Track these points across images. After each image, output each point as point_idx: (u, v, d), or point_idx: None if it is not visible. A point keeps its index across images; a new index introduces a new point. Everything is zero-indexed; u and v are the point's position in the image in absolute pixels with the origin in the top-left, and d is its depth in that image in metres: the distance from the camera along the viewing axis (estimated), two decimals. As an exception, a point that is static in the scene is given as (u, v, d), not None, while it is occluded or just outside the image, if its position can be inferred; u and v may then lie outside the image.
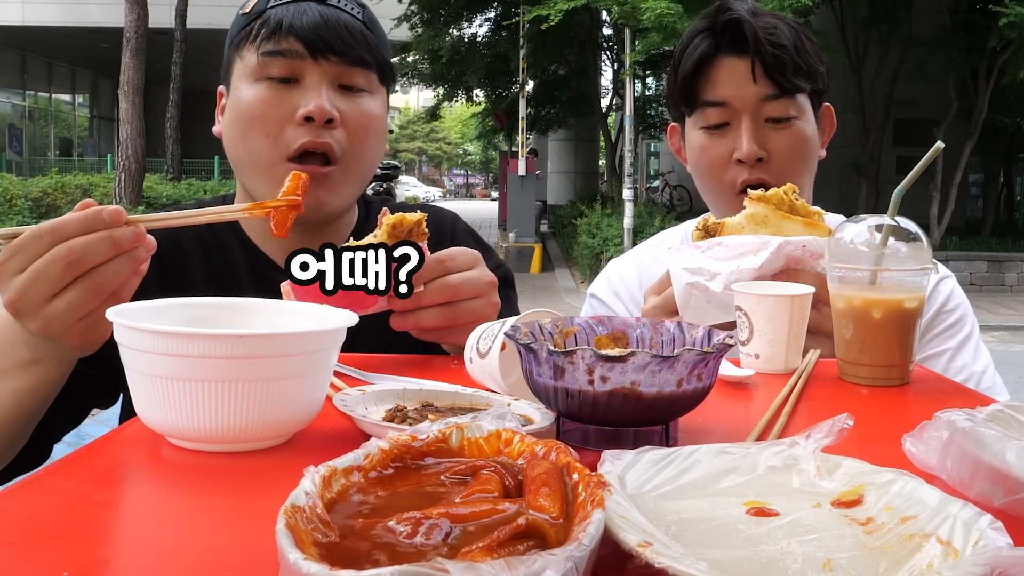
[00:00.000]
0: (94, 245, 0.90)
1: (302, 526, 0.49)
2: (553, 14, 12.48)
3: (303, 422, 0.82)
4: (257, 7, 1.30)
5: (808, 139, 1.47)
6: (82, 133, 32.63)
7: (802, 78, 1.44)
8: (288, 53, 1.26)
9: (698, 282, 1.25)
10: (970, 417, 0.71)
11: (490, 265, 1.46)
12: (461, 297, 1.12)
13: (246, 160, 1.30)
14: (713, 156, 1.47)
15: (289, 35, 1.25)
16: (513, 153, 16.96)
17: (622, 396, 0.75)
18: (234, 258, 1.37)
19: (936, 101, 14.00)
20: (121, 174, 14.30)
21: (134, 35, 14.22)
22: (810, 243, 1.25)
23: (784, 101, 1.44)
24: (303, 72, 1.26)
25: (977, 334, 1.54)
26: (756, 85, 1.43)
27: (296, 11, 1.27)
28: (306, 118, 1.24)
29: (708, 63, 1.46)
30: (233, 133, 1.30)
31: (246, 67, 1.28)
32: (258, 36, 1.27)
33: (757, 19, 1.44)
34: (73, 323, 0.93)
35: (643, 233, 11.30)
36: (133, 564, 0.58)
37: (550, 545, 0.49)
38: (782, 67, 1.42)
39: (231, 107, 1.31)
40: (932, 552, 0.54)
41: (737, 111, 1.45)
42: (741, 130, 1.44)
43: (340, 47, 1.26)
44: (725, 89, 1.45)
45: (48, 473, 0.73)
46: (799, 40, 1.46)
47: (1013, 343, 9.47)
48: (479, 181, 71.01)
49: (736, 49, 1.44)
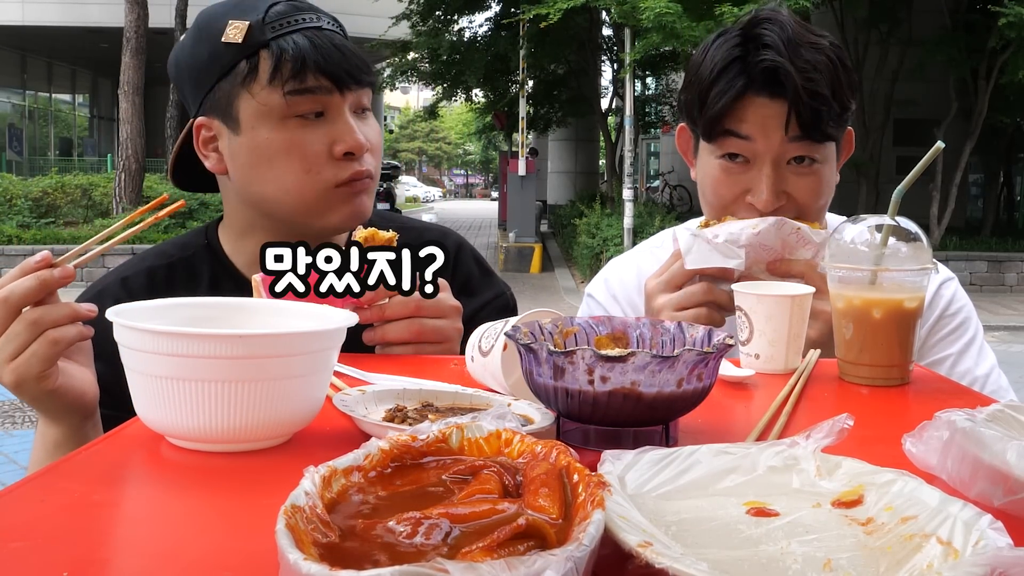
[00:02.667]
0: (21, 284, 0.99)
1: (302, 526, 0.49)
2: (552, 13, 12.47)
3: (303, 422, 0.82)
4: (252, 38, 1.24)
5: (827, 181, 1.40)
6: (82, 133, 32.62)
7: (835, 127, 1.35)
8: (316, 90, 1.24)
9: (701, 234, 1.33)
10: (970, 417, 0.71)
11: (492, 292, 1.47)
12: (424, 314, 1.16)
13: (280, 197, 1.27)
14: (726, 193, 1.39)
15: (317, 72, 1.23)
16: (513, 153, 16.96)
17: (622, 396, 0.75)
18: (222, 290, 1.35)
19: (936, 101, 13.99)
20: (121, 174, 14.29)
21: (134, 35, 14.20)
22: (804, 228, 1.30)
23: (811, 144, 1.35)
24: (328, 105, 1.26)
25: (981, 337, 1.52)
26: (786, 134, 1.33)
27: (308, 43, 1.23)
28: (345, 153, 1.25)
29: (739, 101, 1.34)
30: (259, 172, 1.26)
31: (264, 106, 1.23)
32: (277, 74, 1.22)
33: (795, 55, 1.31)
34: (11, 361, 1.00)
35: (643, 233, 11.29)
36: (133, 564, 0.58)
37: (550, 545, 0.49)
38: (818, 119, 1.32)
39: (251, 147, 1.26)
40: (932, 552, 0.54)
41: (760, 151, 1.35)
42: (762, 175, 1.34)
43: (359, 76, 1.27)
44: (752, 128, 1.34)
45: (48, 473, 0.73)
46: (837, 79, 1.34)
47: (1013, 343, 9.47)
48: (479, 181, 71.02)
49: (770, 90, 1.32)
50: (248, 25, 1.24)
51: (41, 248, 12.26)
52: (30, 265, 1.01)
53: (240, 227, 1.36)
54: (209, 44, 1.27)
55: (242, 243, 1.36)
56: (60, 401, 1.05)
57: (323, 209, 1.28)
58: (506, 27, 16.32)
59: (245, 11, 1.26)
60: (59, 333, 0.99)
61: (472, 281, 1.34)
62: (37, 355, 0.98)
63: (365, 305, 1.12)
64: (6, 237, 12.79)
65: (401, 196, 36.45)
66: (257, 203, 1.31)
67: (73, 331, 1.00)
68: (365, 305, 1.12)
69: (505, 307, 1.47)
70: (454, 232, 1.54)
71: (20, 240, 12.72)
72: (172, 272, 1.37)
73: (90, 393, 1.08)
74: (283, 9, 1.26)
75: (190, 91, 1.31)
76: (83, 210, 13.81)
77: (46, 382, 1.01)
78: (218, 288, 1.36)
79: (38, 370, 0.99)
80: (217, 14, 1.28)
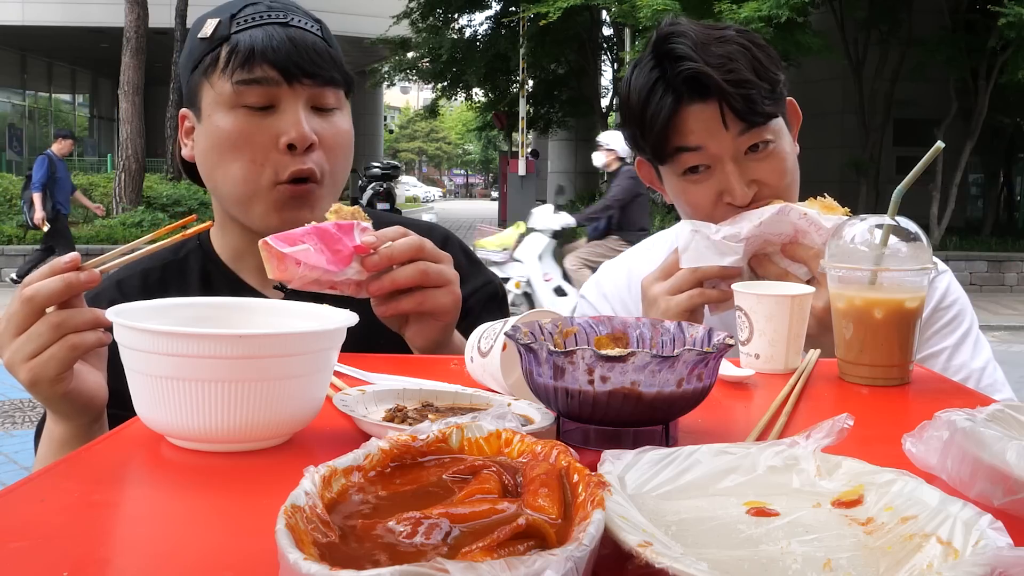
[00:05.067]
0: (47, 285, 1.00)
1: (302, 526, 0.49)
2: (552, 11, 12.48)
3: (303, 422, 0.82)
4: (219, 32, 1.29)
5: (788, 155, 1.43)
6: (82, 133, 32.58)
7: (771, 102, 1.38)
8: (263, 81, 1.26)
9: (701, 230, 1.34)
10: (970, 417, 0.71)
11: (481, 280, 1.50)
12: (427, 257, 1.18)
13: (229, 188, 1.29)
14: (699, 200, 1.41)
15: (263, 62, 1.25)
16: (513, 153, 16.96)
17: (622, 396, 0.75)
18: (213, 287, 1.37)
19: (936, 101, 13.99)
20: (121, 174, 14.29)
21: (134, 35, 14.20)
22: (812, 214, 1.30)
23: (759, 130, 1.38)
24: (279, 98, 1.27)
25: (976, 329, 1.52)
26: (728, 130, 1.36)
27: (264, 36, 1.26)
28: (288, 145, 1.26)
29: (675, 117, 1.37)
30: (212, 161, 1.30)
31: (219, 95, 1.28)
32: (229, 64, 1.26)
33: (708, 55, 1.35)
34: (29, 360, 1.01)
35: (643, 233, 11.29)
36: (133, 564, 0.58)
37: (550, 545, 0.49)
38: (751, 105, 1.35)
39: (206, 135, 1.30)
40: (932, 552, 0.54)
41: (715, 155, 1.38)
42: (727, 174, 1.37)
43: (313, 70, 1.28)
44: (697, 136, 1.38)
45: (48, 473, 0.73)
46: (755, 59, 1.37)
47: (1013, 343, 9.47)
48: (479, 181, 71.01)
49: (699, 95, 1.36)
50: (218, 21, 1.30)
51: (40, 248, 12.14)
52: (59, 266, 1.01)
53: (220, 221, 1.40)
54: (191, 41, 1.33)
55: (223, 238, 1.40)
56: (71, 403, 1.06)
57: (263, 208, 1.29)
58: (506, 26, 16.33)
59: (225, 10, 1.32)
60: (79, 338, 1.00)
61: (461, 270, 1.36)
62: (56, 358, 0.99)
63: (372, 250, 1.14)
64: (6, 237, 12.79)
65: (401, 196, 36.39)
66: (214, 193, 1.35)
67: (93, 337, 1.00)
68: (372, 250, 1.14)
69: (494, 294, 1.50)
70: (440, 226, 1.57)
71: (20, 240, 12.71)
72: (165, 273, 1.40)
73: (100, 397, 1.08)
74: (256, 8, 1.30)
75: (183, 85, 1.37)
76: (83, 210, 13.80)
77: (60, 385, 1.01)
78: (209, 285, 1.38)
79: (55, 372, 1.00)
80: (207, 15, 1.34)
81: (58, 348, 0.99)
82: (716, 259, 1.32)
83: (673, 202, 1.49)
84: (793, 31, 11.38)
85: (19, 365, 1.01)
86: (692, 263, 1.33)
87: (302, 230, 1.10)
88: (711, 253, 1.32)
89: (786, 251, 1.35)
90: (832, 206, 1.33)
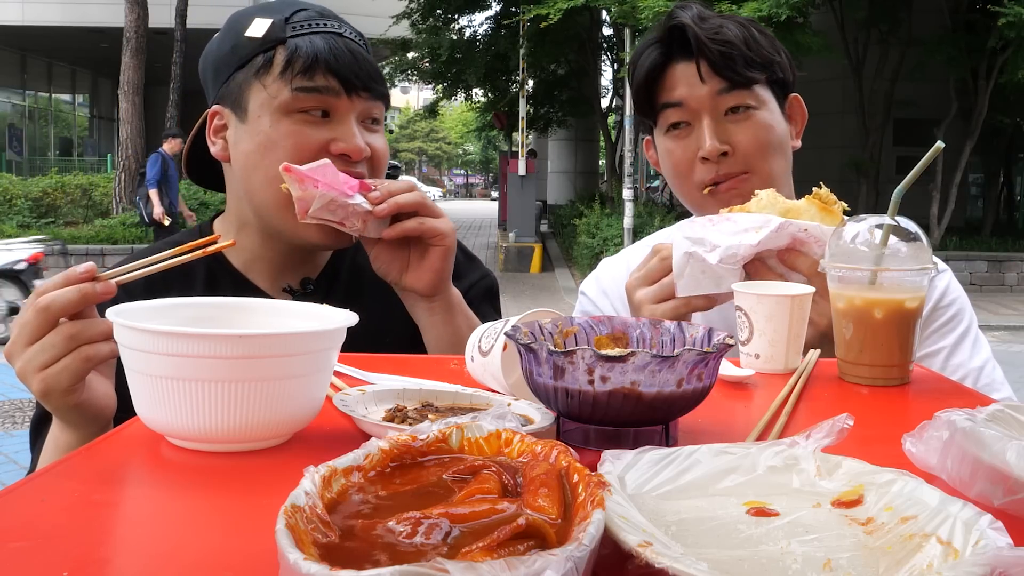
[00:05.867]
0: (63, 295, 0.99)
1: (302, 526, 0.49)
2: (553, 13, 12.48)
3: (303, 422, 0.82)
4: (273, 33, 1.28)
5: (772, 127, 1.47)
6: (82, 133, 32.61)
7: (755, 69, 1.45)
8: (324, 90, 1.26)
9: (696, 252, 1.28)
10: (970, 417, 0.71)
11: (475, 275, 1.53)
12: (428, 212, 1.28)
13: (271, 191, 1.27)
14: (679, 158, 1.48)
15: (327, 72, 1.26)
16: (513, 153, 16.97)
17: (622, 396, 0.75)
18: (218, 287, 1.37)
19: (936, 101, 13.99)
20: (121, 174, 14.30)
21: (134, 35, 14.21)
22: (812, 228, 1.26)
23: (740, 92, 1.45)
24: (335, 107, 1.28)
25: (975, 328, 1.53)
26: (706, 84, 1.44)
27: (324, 44, 1.27)
28: (341, 155, 1.27)
29: (661, 71, 1.48)
30: (254, 162, 1.28)
31: (272, 98, 1.27)
32: (288, 68, 1.26)
33: (703, 23, 1.45)
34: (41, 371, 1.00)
35: (643, 233, 11.30)
36: (133, 564, 0.58)
37: (550, 545, 0.49)
38: (730, 62, 1.43)
39: (251, 136, 1.28)
40: (932, 552, 0.54)
41: (695, 110, 1.45)
42: (702, 127, 1.45)
43: (370, 84, 1.30)
44: (679, 91, 1.46)
45: (48, 473, 0.73)
46: (749, 34, 1.46)
47: (1013, 343, 9.48)
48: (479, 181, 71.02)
49: (685, 53, 1.45)
50: (271, 22, 1.29)
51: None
52: (75, 275, 1.00)
53: (238, 221, 1.38)
54: (233, 38, 1.32)
55: (238, 237, 1.38)
56: (82, 414, 1.05)
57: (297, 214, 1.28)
58: (506, 26, 16.33)
59: (272, 11, 1.32)
60: (93, 350, 0.99)
61: (459, 266, 1.39)
62: (69, 369, 0.98)
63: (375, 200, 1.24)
64: (6, 237, 12.80)
65: (401, 196, 36.25)
66: (249, 195, 1.33)
67: (106, 349, 1.00)
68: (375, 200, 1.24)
69: (490, 288, 1.54)
70: None
71: (17, 239, 12.73)
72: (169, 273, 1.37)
73: (110, 407, 1.08)
74: (308, 14, 1.31)
75: (211, 81, 1.36)
76: (83, 210, 13.81)
77: (72, 396, 1.01)
78: (214, 283, 1.37)
79: (67, 384, 0.99)
80: (247, 13, 1.34)
81: (71, 360, 0.98)
82: (712, 287, 1.28)
83: (664, 175, 1.56)
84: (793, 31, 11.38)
85: (32, 375, 1.00)
86: (688, 291, 1.30)
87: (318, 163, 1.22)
88: (707, 280, 1.29)
89: (783, 258, 1.31)
90: (829, 199, 1.31)
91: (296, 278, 1.39)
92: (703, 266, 1.28)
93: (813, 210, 1.29)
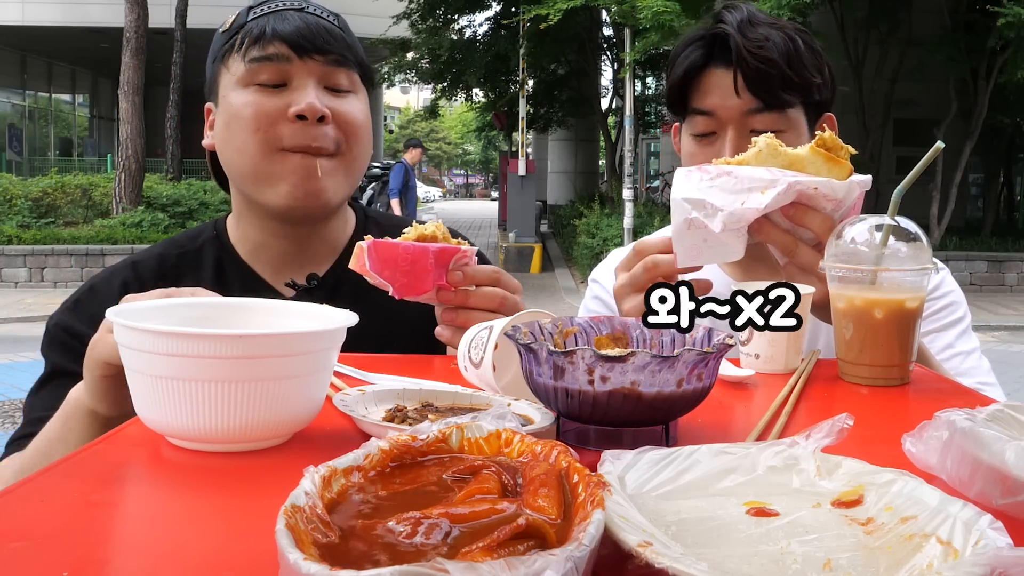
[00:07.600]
0: None
1: (302, 526, 0.49)
2: (553, 13, 12.47)
3: (303, 422, 0.82)
4: (237, 22, 1.35)
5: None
6: (82, 133, 32.59)
7: (793, 92, 1.41)
8: (275, 57, 1.29)
9: (696, 219, 1.16)
10: (970, 417, 0.71)
11: None
12: (505, 311, 1.20)
13: (240, 162, 1.31)
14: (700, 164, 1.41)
15: (274, 40, 1.29)
16: (513, 153, 16.96)
17: (622, 396, 0.75)
18: (226, 277, 1.39)
19: (936, 101, 13.98)
20: (121, 174, 14.28)
21: (134, 35, 14.19)
22: (822, 185, 1.15)
23: (771, 115, 1.41)
24: (291, 75, 1.30)
25: (967, 323, 1.54)
26: (740, 98, 1.41)
27: (277, 19, 1.31)
28: (298, 116, 1.28)
29: (698, 73, 1.45)
30: (225, 138, 1.33)
31: (233, 76, 1.31)
32: (243, 45, 1.31)
33: (749, 31, 1.41)
34: None
35: (643, 233, 11.29)
36: (133, 564, 0.58)
37: (550, 545, 0.49)
38: (767, 81, 1.39)
39: (222, 114, 1.34)
40: (932, 552, 0.54)
41: (723, 122, 1.44)
42: (725, 140, 1.43)
43: (324, 47, 1.31)
44: (711, 99, 1.44)
45: (48, 473, 0.73)
46: (794, 51, 1.41)
47: (1013, 343, 9.47)
48: (479, 181, 71.00)
49: (725, 60, 1.43)
50: (237, 13, 1.36)
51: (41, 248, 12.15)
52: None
53: (237, 210, 1.42)
54: (216, 39, 1.38)
55: (239, 227, 1.42)
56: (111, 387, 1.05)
57: (269, 174, 1.30)
58: (506, 26, 16.33)
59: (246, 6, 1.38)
60: None
61: None
62: None
63: (452, 289, 1.19)
64: (6, 237, 12.79)
65: (401, 196, 36.33)
66: (229, 173, 1.36)
67: None
68: (452, 289, 1.19)
69: None
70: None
71: (20, 240, 12.72)
72: (182, 260, 1.42)
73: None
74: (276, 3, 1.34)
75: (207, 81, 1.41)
76: (83, 210, 13.80)
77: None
78: (223, 274, 1.40)
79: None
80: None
81: None
82: (715, 256, 1.19)
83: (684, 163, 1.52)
84: (793, 31, 11.35)
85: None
86: (689, 262, 1.20)
87: (405, 246, 1.16)
88: (709, 250, 1.17)
89: (791, 214, 1.18)
90: (835, 145, 1.19)
91: (302, 272, 1.40)
92: (705, 234, 1.16)
93: (819, 161, 1.17)
